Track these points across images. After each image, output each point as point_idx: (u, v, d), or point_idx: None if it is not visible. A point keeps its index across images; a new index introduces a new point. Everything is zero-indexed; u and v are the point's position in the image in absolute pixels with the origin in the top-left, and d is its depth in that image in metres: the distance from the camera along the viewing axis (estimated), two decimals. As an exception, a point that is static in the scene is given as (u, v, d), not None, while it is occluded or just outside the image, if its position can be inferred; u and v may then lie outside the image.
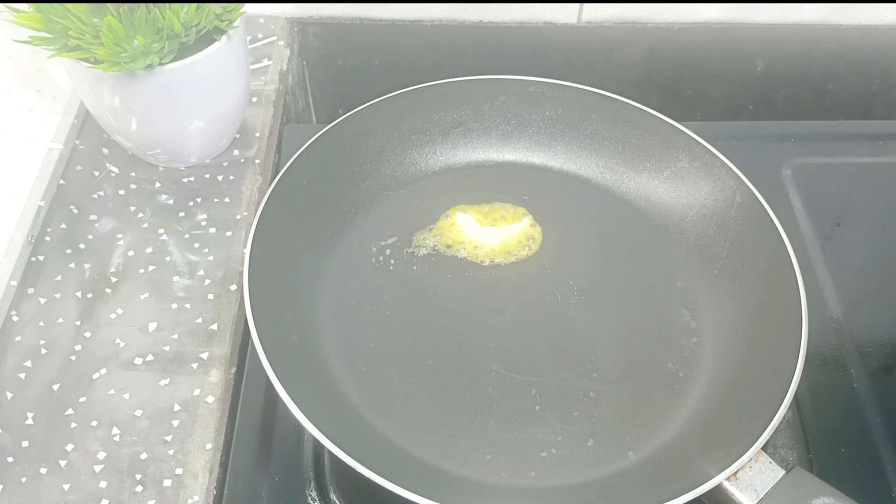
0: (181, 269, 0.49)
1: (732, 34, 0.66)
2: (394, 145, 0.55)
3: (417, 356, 0.47)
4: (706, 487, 0.38)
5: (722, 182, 0.51)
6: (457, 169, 0.57)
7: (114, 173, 0.54)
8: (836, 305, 0.52)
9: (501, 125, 0.57)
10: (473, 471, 0.43)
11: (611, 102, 0.55)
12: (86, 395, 0.44)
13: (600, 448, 0.44)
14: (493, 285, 0.51)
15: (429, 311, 0.49)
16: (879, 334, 0.52)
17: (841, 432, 0.46)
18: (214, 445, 0.42)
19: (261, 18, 0.64)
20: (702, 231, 0.52)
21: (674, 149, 0.53)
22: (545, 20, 0.65)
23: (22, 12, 0.45)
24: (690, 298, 0.50)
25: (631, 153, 0.55)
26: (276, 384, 0.39)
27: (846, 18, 0.66)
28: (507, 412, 0.45)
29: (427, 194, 0.55)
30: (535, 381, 0.46)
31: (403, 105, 0.54)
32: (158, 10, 0.44)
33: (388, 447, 0.43)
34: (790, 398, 0.40)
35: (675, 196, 0.54)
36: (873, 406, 0.48)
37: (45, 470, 0.41)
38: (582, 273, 0.51)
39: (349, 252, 0.51)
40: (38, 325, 0.46)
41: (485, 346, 0.47)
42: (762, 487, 0.38)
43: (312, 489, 0.44)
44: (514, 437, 0.44)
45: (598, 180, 0.56)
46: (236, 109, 0.54)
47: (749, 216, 0.50)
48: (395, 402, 0.45)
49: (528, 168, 0.57)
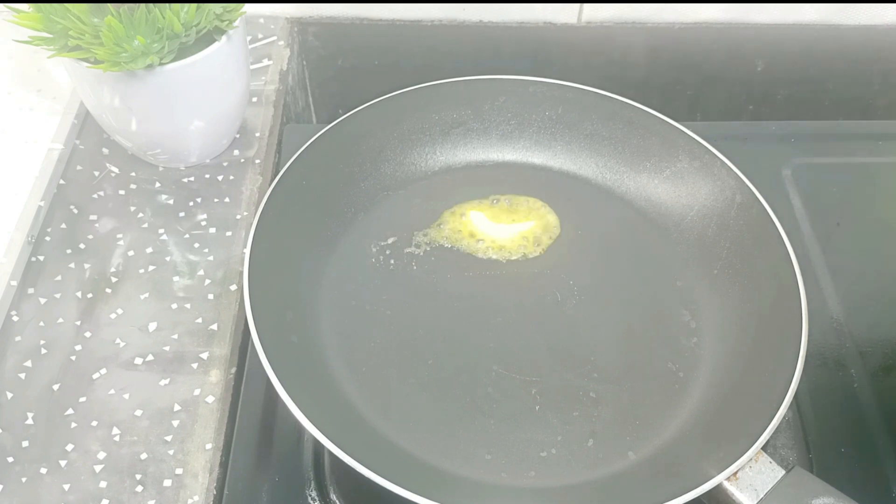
0: (181, 269, 0.49)
1: (732, 34, 0.66)
2: (394, 145, 0.55)
3: (417, 356, 0.47)
4: (706, 487, 0.38)
5: (722, 182, 0.51)
6: (457, 169, 0.57)
7: (114, 173, 0.54)
8: (836, 305, 0.52)
9: (501, 125, 0.57)
10: (473, 471, 0.43)
11: (610, 102, 0.55)
12: (86, 395, 0.44)
13: (600, 448, 0.43)
14: (494, 285, 0.51)
15: (429, 310, 0.49)
16: (879, 334, 0.52)
17: (841, 432, 0.46)
18: (214, 445, 0.42)
19: (261, 18, 0.64)
20: (702, 231, 0.52)
21: (674, 149, 0.53)
22: (545, 20, 0.65)
23: (22, 12, 0.45)
24: (690, 298, 0.50)
25: (631, 153, 0.55)
26: (276, 384, 0.39)
27: (846, 18, 0.66)
28: (507, 412, 0.45)
29: (427, 194, 0.55)
30: (535, 381, 0.46)
31: (403, 105, 0.55)
32: (158, 10, 0.44)
33: (388, 447, 0.43)
34: (790, 398, 0.40)
35: (676, 196, 0.54)
36: (873, 406, 0.48)
37: (45, 470, 0.41)
38: (582, 273, 0.51)
39: (349, 252, 0.51)
40: (38, 325, 0.46)
41: (485, 347, 0.47)
42: (762, 487, 0.38)
43: (312, 489, 0.44)
44: (514, 437, 0.44)
45: (598, 180, 0.56)
46: (236, 109, 0.54)
47: (749, 216, 0.50)
48: (395, 401, 0.45)
49: (528, 168, 0.57)
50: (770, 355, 0.44)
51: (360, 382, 0.45)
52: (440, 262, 0.51)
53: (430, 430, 0.44)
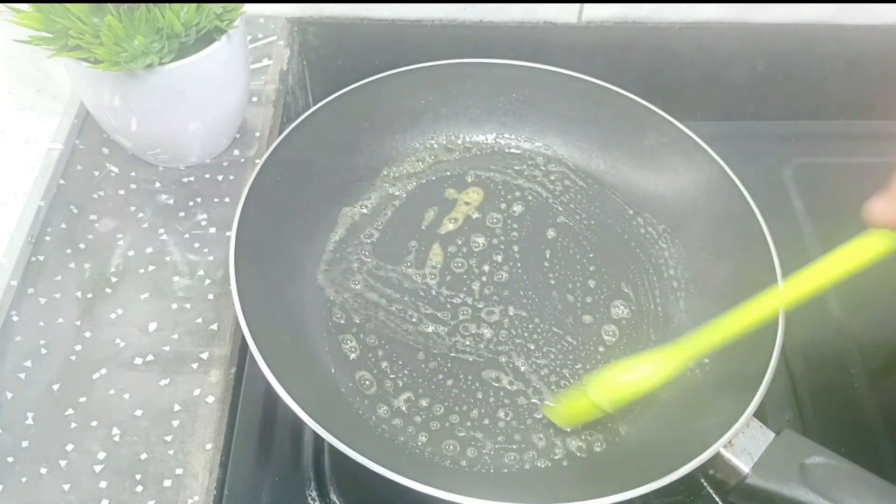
0: (181, 268, 0.49)
1: (732, 34, 0.66)
2: (364, 136, 0.55)
3: (407, 348, 0.47)
4: (706, 456, 0.39)
5: (690, 157, 0.52)
6: (429, 154, 0.57)
7: (114, 173, 0.54)
8: (836, 305, 0.52)
9: (470, 109, 0.57)
10: (464, 457, 0.43)
11: (578, 82, 0.56)
12: (86, 395, 0.44)
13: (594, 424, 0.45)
14: (478, 260, 0.52)
15: (415, 301, 0.50)
16: (879, 334, 0.52)
17: (841, 432, 0.47)
18: (214, 445, 0.42)
19: (261, 18, 0.64)
20: (673, 204, 0.53)
21: (642, 126, 0.54)
22: (545, 20, 0.65)
23: (22, 12, 0.45)
24: (670, 274, 0.51)
25: (600, 132, 0.56)
26: (272, 380, 0.39)
27: (846, 18, 0.66)
28: (502, 400, 0.45)
29: (403, 183, 0.55)
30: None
31: (370, 94, 0.55)
32: (158, 9, 0.44)
33: (384, 439, 0.43)
34: (775, 364, 0.41)
35: (646, 172, 0.55)
36: (873, 406, 0.48)
37: (45, 470, 0.41)
38: (562, 246, 0.53)
39: (332, 244, 0.52)
40: (38, 325, 0.46)
41: (473, 333, 0.48)
42: (756, 451, 0.40)
43: (312, 489, 0.44)
44: (509, 423, 0.44)
45: (568, 159, 0.57)
46: (236, 109, 0.54)
47: (720, 189, 0.50)
48: (389, 393, 0.45)
49: (498, 148, 0.58)
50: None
51: (351, 375, 0.46)
52: (424, 249, 0.52)
53: (423, 419, 0.45)
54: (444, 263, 0.52)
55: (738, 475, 0.39)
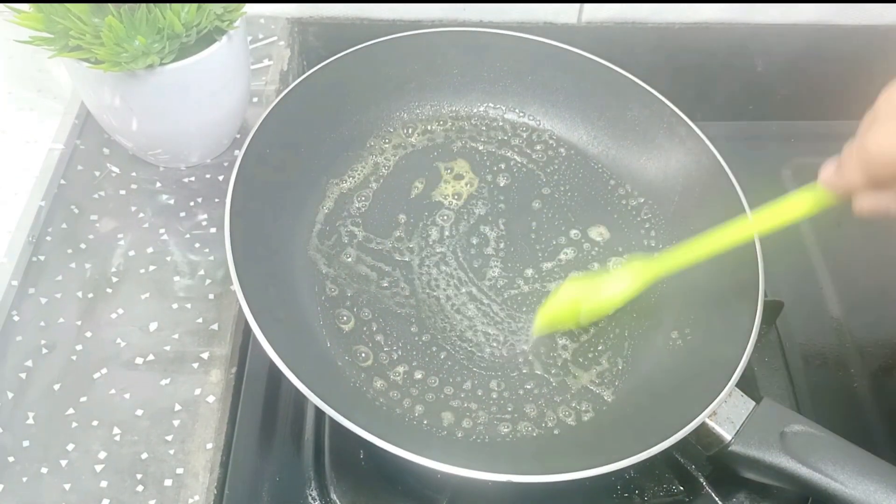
0: (182, 268, 0.49)
1: (732, 34, 0.66)
2: (349, 106, 0.55)
3: (401, 321, 0.48)
4: (694, 425, 0.40)
5: (672, 129, 0.53)
6: (415, 124, 0.57)
7: (114, 173, 0.54)
8: (836, 305, 0.52)
9: (455, 78, 0.57)
10: (460, 428, 0.44)
11: (563, 52, 0.56)
12: (87, 394, 0.44)
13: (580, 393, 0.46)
14: (456, 234, 0.52)
15: (406, 274, 0.50)
16: (879, 334, 0.52)
17: (841, 432, 0.47)
18: (215, 445, 0.42)
19: (261, 18, 0.64)
20: (654, 175, 0.54)
21: (625, 98, 0.55)
22: (545, 20, 0.65)
23: (23, 12, 0.45)
24: (651, 245, 0.52)
25: (583, 102, 0.56)
26: (271, 355, 0.39)
27: (846, 18, 0.66)
28: (493, 372, 0.46)
29: (389, 154, 0.55)
30: (519, 340, 0.47)
31: (354, 63, 0.54)
32: (159, 10, 0.44)
33: (382, 411, 0.44)
34: (755, 334, 0.42)
35: (628, 143, 0.55)
36: (873, 406, 0.48)
37: (45, 469, 0.41)
38: (546, 216, 0.53)
39: (321, 217, 0.52)
40: (38, 324, 0.46)
41: (466, 307, 0.49)
42: (738, 419, 0.41)
43: (313, 489, 0.44)
44: (501, 395, 0.45)
45: (553, 130, 0.57)
46: (237, 109, 0.54)
47: (700, 161, 0.51)
48: (385, 366, 0.46)
49: (483, 119, 0.58)
50: (734, 300, 0.46)
51: (347, 348, 0.46)
52: (413, 221, 0.53)
53: (420, 391, 0.45)
54: (431, 235, 0.52)
55: (721, 442, 0.41)
